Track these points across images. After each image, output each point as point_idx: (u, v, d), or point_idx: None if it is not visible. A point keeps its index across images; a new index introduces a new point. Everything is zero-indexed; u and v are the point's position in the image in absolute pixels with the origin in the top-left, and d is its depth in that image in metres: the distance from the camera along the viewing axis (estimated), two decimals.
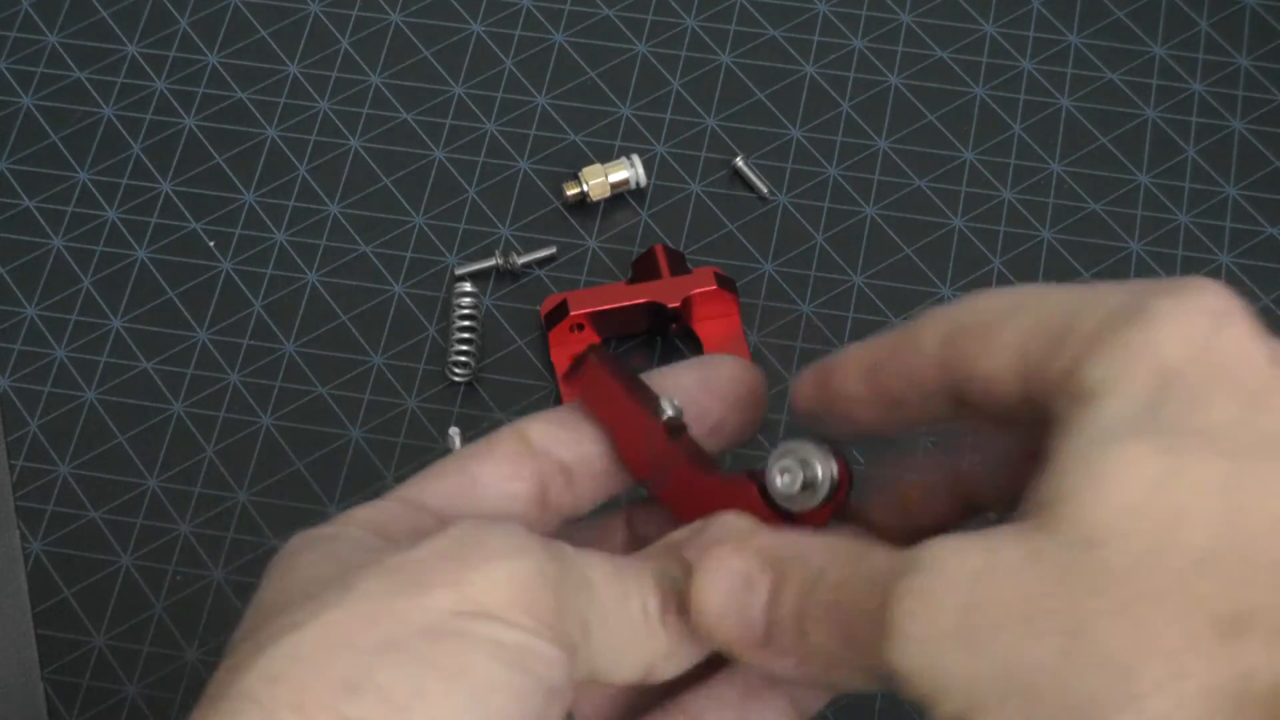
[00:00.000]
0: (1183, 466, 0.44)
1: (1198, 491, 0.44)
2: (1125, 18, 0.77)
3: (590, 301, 0.69)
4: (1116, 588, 0.43)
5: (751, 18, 0.77)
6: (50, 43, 0.78)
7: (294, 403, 0.70)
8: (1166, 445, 0.44)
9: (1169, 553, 0.43)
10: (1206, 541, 0.43)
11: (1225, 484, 0.44)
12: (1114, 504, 0.44)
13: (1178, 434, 0.44)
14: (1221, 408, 0.45)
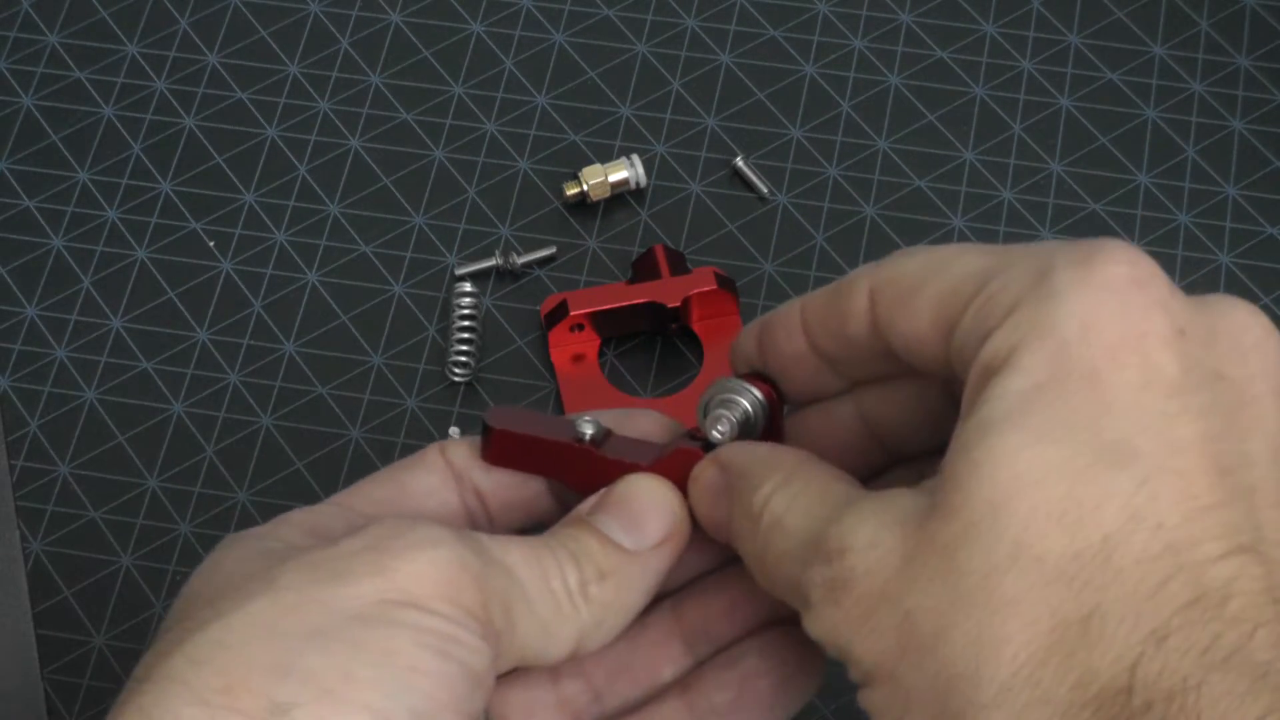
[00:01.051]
0: (1052, 464, 0.45)
1: (1057, 490, 0.45)
2: (1125, 18, 0.77)
3: (590, 301, 0.69)
4: (972, 594, 0.45)
5: (751, 18, 0.77)
6: (50, 43, 0.78)
7: (294, 403, 0.70)
8: (1040, 438, 0.45)
9: (1024, 557, 0.45)
10: (1061, 544, 0.44)
11: (1082, 482, 0.45)
12: (984, 498, 0.45)
13: (1055, 425, 0.45)
14: (1107, 399, 0.45)
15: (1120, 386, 0.46)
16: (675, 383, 0.70)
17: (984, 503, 0.45)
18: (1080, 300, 0.46)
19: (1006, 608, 0.45)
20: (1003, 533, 0.45)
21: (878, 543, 0.46)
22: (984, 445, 0.45)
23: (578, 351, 0.70)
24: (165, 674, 0.45)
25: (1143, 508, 0.45)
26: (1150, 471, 0.45)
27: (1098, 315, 0.46)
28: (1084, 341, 0.46)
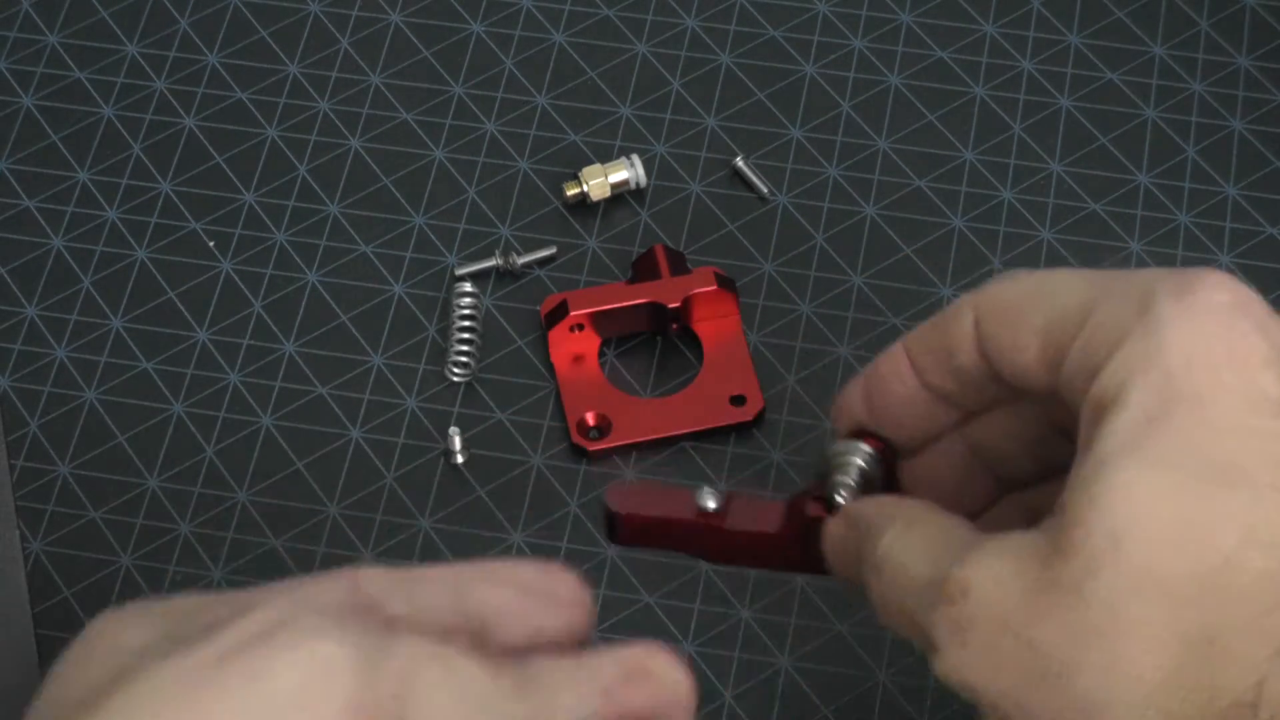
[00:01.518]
0: (1167, 491, 0.46)
1: (1174, 516, 0.46)
2: (1125, 18, 0.77)
3: (590, 301, 0.69)
4: (1100, 624, 0.46)
5: (751, 18, 0.77)
6: (50, 43, 0.78)
7: (294, 403, 0.70)
8: (1154, 467, 0.46)
9: (1148, 583, 0.46)
10: (1183, 567, 0.45)
11: (1197, 506, 0.46)
12: (1105, 530, 0.46)
13: (1167, 454, 0.46)
14: (1214, 423, 0.47)
15: (1226, 410, 0.47)
16: (675, 383, 0.70)
17: (1105, 535, 0.46)
18: (1182, 331, 0.47)
19: (1135, 634, 0.46)
20: (1126, 561, 0.46)
21: (1001, 580, 0.47)
22: (1101, 480, 0.46)
23: (578, 351, 0.70)
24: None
25: (1256, 526, 0.46)
26: (1261, 489, 0.46)
27: (1200, 344, 0.47)
28: (1189, 370, 0.47)
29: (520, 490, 0.68)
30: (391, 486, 0.68)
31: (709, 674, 0.65)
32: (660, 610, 0.66)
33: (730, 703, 0.64)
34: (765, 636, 0.65)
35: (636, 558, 0.67)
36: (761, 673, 0.65)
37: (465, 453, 0.69)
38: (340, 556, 0.67)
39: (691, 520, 0.57)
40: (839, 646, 0.65)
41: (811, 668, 0.65)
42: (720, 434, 0.69)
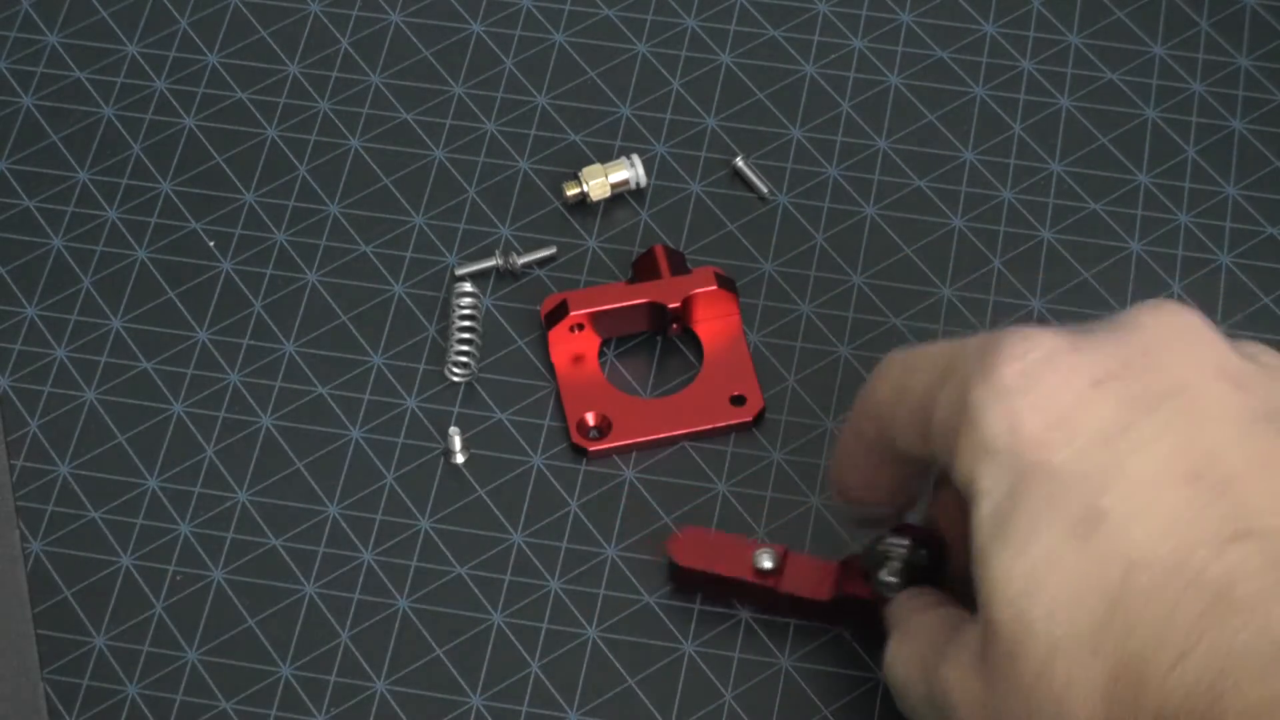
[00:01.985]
0: (1040, 561, 0.50)
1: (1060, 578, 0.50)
2: (1125, 18, 0.77)
3: (590, 301, 0.69)
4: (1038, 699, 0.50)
5: (751, 18, 0.77)
6: (50, 43, 0.78)
7: (294, 403, 0.70)
8: (1023, 546, 0.51)
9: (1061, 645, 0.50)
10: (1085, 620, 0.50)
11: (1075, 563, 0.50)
12: (1009, 615, 0.51)
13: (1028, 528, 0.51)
14: (1057, 483, 0.51)
15: (1063, 463, 0.50)
16: (675, 383, 0.70)
17: (1011, 619, 0.51)
18: (993, 414, 0.51)
19: (1067, 695, 0.50)
20: (1036, 635, 0.50)
21: (965, 684, 0.53)
22: (987, 573, 0.51)
23: (578, 351, 0.70)
24: None
25: (1134, 555, 0.50)
26: (1125, 519, 0.50)
27: (1017, 416, 0.51)
28: (1015, 440, 0.51)
29: (520, 490, 0.68)
30: (391, 486, 0.68)
31: (709, 674, 0.65)
32: (660, 610, 0.66)
33: (730, 703, 0.64)
34: (765, 637, 0.65)
35: (636, 558, 0.67)
36: (762, 673, 0.65)
37: (465, 453, 0.69)
38: (341, 557, 0.67)
39: (748, 580, 0.64)
40: (839, 646, 0.65)
41: (811, 668, 0.65)
42: (720, 434, 0.69)
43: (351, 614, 0.66)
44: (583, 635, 0.66)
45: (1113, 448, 0.50)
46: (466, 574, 0.67)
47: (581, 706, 0.64)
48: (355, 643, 0.66)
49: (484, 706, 0.64)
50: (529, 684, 0.65)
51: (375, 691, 0.65)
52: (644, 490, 0.68)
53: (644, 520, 0.67)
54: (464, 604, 0.66)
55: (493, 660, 0.65)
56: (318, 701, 0.65)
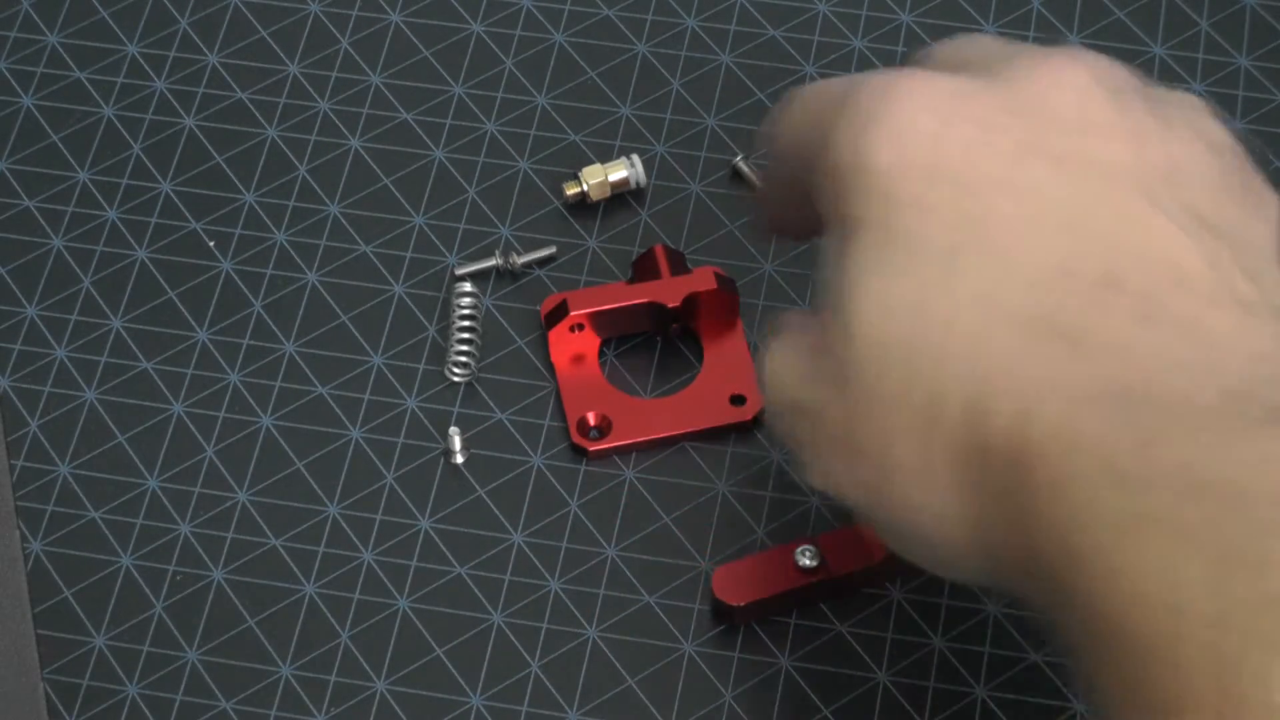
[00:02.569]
0: (889, 295, 0.52)
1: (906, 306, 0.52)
2: (1125, 18, 0.77)
3: (590, 301, 0.69)
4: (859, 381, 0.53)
5: (751, 18, 0.77)
6: (50, 43, 0.78)
7: (294, 403, 0.70)
8: (883, 270, 0.52)
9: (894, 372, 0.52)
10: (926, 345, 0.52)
11: (917, 294, 0.52)
12: (853, 311, 0.52)
13: (885, 261, 0.52)
14: (927, 215, 0.52)
15: (937, 201, 0.52)
16: (675, 383, 0.70)
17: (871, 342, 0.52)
18: (879, 149, 0.53)
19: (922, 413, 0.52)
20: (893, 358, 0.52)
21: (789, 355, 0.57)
22: (851, 293, 0.53)
23: (578, 351, 0.70)
24: None
25: (995, 295, 0.51)
26: (990, 261, 0.51)
27: (902, 152, 0.53)
28: (894, 176, 0.52)
29: (520, 490, 0.68)
30: (391, 486, 0.68)
31: (709, 674, 0.65)
32: (660, 610, 0.66)
33: (730, 703, 0.64)
34: (765, 637, 0.65)
35: (636, 558, 0.67)
36: (762, 673, 0.65)
37: (465, 453, 0.69)
38: (341, 556, 0.67)
39: (802, 585, 0.64)
40: (839, 646, 0.65)
41: (811, 668, 0.65)
42: (720, 434, 0.69)
43: (351, 614, 0.66)
44: (583, 635, 0.66)
45: (989, 190, 0.52)
46: (466, 574, 0.67)
47: (581, 706, 0.64)
48: (355, 643, 0.66)
49: (484, 706, 0.64)
50: (529, 684, 0.65)
51: (375, 691, 0.65)
52: (644, 490, 0.68)
53: (644, 520, 0.67)
54: (464, 604, 0.66)
55: (493, 660, 0.65)
56: (318, 701, 0.65)
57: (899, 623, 0.65)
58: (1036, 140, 0.52)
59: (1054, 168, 0.52)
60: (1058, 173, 0.52)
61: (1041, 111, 0.53)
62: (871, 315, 0.52)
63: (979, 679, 0.64)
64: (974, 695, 0.64)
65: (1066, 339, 0.50)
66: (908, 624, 0.65)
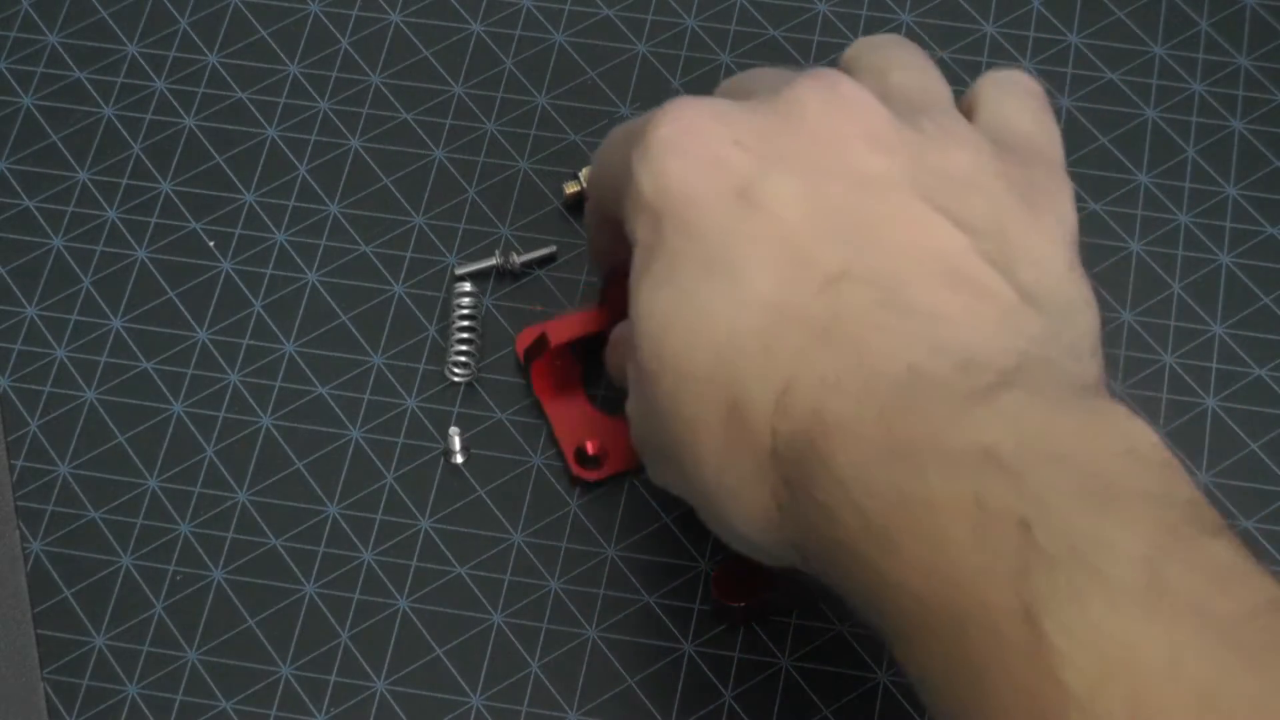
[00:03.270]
0: (670, 301, 0.55)
1: (681, 316, 0.55)
2: (1125, 18, 0.77)
3: (570, 330, 0.68)
4: (658, 402, 0.56)
5: (751, 18, 0.77)
6: (50, 43, 0.78)
7: (294, 403, 0.70)
8: (658, 286, 0.55)
9: (678, 368, 0.55)
10: (701, 350, 0.55)
11: (698, 301, 0.55)
12: (646, 348, 0.56)
13: (662, 272, 0.56)
14: (694, 233, 0.55)
15: (698, 215, 0.55)
16: None
17: (650, 351, 0.56)
18: (645, 171, 0.56)
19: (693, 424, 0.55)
20: (667, 368, 0.55)
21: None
22: (634, 309, 0.56)
23: (562, 380, 0.69)
24: None
25: (747, 297, 0.54)
26: (745, 266, 0.54)
27: (663, 173, 0.56)
28: (660, 195, 0.56)
29: (520, 490, 0.68)
30: (391, 486, 0.68)
31: (709, 674, 0.65)
32: (660, 610, 0.66)
33: (730, 702, 0.64)
34: (765, 637, 0.65)
35: (636, 558, 0.67)
36: (762, 672, 0.65)
37: (465, 453, 0.69)
38: (340, 556, 0.67)
39: (803, 585, 0.61)
40: (839, 646, 0.65)
41: (811, 668, 0.65)
42: None
43: (351, 614, 0.66)
44: (583, 635, 0.66)
45: (743, 197, 0.55)
46: (466, 574, 0.67)
47: (581, 706, 0.64)
48: (355, 643, 0.66)
49: (484, 706, 0.64)
50: (529, 684, 0.65)
51: (375, 691, 0.65)
52: (644, 490, 0.68)
53: (644, 520, 0.67)
54: (464, 604, 0.66)
55: (493, 660, 0.65)
56: (318, 701, 0.65)
57: None
58: (790, 153, 0.55)
59: (804, 176, 0.55)
60: (806, 180, 0.55)
61: (800, 126, 0.56)
62: (650, 328, 0.55)
63: None
64: None
65: (812, 331, 0.53)
66: None
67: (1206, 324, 0.70)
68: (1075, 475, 0.48)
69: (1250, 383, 0.69)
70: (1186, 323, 0.70)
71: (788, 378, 0.53)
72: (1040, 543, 0.46)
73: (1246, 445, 0.68)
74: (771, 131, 0.56)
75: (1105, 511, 0.47)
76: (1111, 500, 0.47)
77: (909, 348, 0.52)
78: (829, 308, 0.53)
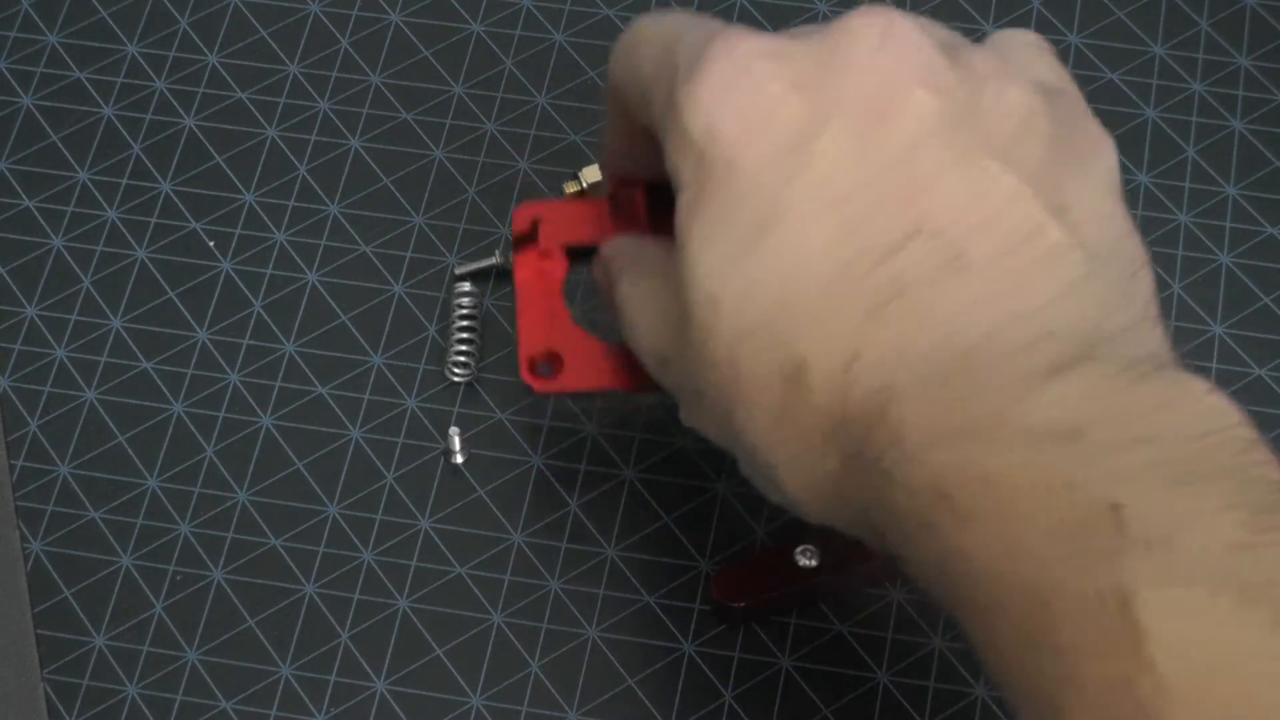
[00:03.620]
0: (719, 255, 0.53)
1: (733, 272, 0.53)
2: (1125, 18, 0.77)
3: (569, 231, 0.65)
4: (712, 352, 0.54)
5: (751, 18, 0.77)
6: (50, 43, 0.78)
7: (294, 403, 0.70)
8: (707, 241, 0.53)
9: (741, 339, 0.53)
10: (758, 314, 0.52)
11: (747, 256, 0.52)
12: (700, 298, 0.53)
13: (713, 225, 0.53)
14: (745, 183, 0.53)
15: (751, 163, 0.52)
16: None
17: (704, 302, 0.53)
18: (693, 112, 0.53)
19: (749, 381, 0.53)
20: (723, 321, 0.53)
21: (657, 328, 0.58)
22: (685, 257, 0.54)
23: (543, 271, 0.65)
24: None
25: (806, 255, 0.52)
26: (802, 221, 0.52)
27: (714, 116, 0.53)
28: (711, 139, 0.53)
29: (520, 490, 0.68)
30: (391, 486, 0.68)
31: (709, 674, 0.65)
32: (660, 610, 0.66)
33: (730, 703, 0.64)
34: (765, 637, 0.65)
35: (636, 558, 0.67)
36: (762, 673, 0.65)
37: (465, 453, 0.69)
38: (340, 556, 0.67)
39: (803, 585, 0.63)
40: (839, 646, 0.65)
41: (811, 668, 0.65)
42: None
43: (351, 614, 0.66)
44: (583, 635, 0.66)
45: (799, 150, 0.52)
46: (466, 574, 0.67)
47: (581, 706, 0.64)
48: (355, 643, 0.66)
49: (484, 706, 0.64)
50: (529, 684, 0.65)
51: (375, 691, 0.65)
52: (644, 490, 0.68)
53: (644, 520, 0.67)
54: (464, 604, 0.66)
55: (493, 660, 0.65)
56: (318, 701, 0.65)
57: (899, 623, 0.65)
58: (845, 98, 0.53)
59: (858, 131, 0.52)
60: (861, 137, 0.52)
61: (853, 64, 0.53)
62: (703, 277, 0.53)
63: (979, 679, 0.64)
64: (974, 695, 0.64)
65: (877, 299, 0.51)
66: (908, 624, 0.65)
67: (1206, 324, 0.70)
68: (1163, 455, 0.46)
69: (1250, 383, 0.69)
70: (1186, 323, 0.70)
71: (855, 347, 0.51)
72: (1132, 527, 0.45)
73: None
74: (825, 71, 0.53)
75: (1198, 494, 0.45)
76: (1202, 482, 0.45)
77: (979, 316, 0.50)
78: (893, 274, 0.51)
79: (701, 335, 0.54)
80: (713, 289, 0.53)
